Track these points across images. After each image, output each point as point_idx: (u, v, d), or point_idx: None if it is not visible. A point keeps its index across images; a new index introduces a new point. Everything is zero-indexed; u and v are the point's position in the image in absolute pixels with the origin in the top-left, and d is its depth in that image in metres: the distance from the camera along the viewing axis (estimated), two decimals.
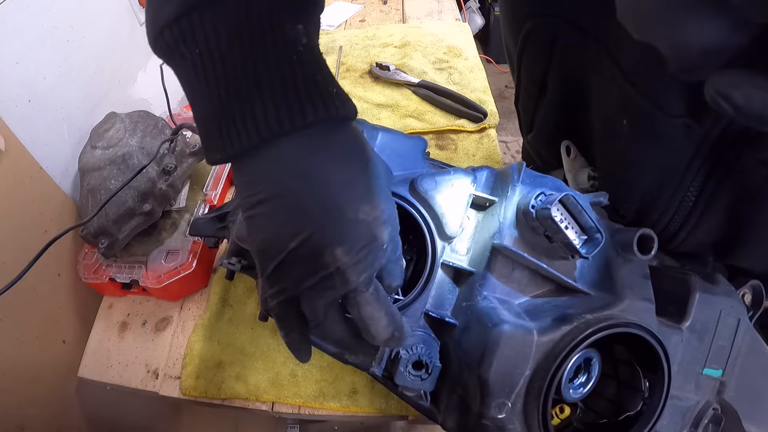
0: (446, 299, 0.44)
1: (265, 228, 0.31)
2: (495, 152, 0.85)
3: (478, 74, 0.98)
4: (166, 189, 0.66)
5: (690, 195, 0.42)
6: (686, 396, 0.42)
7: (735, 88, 0.18)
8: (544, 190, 0.41)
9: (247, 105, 0.29)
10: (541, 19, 0.50)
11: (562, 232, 0.38)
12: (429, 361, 0.41)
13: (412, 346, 0.41)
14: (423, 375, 0.41)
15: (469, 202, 0.44)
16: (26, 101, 0.61)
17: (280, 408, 0.60)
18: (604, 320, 0.37)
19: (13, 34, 0.58)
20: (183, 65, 0.30)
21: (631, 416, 0.40)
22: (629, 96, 0.41)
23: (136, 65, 0.86)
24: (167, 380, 0.64)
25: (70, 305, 0.70)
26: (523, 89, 0.62)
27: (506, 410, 0.36)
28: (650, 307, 0.40)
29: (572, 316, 0.38)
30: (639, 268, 0.41)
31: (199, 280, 0.70)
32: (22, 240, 0.59)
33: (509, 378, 0.36)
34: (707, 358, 0.42)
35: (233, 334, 0.65)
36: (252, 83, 0.29)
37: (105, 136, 0.68)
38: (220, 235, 0.54)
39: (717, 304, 0.42)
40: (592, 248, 0.39)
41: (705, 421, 0.42)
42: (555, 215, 0.38)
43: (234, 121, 0.29)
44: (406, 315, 0.43)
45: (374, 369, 0.42)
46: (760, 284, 0.46)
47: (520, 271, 0.42)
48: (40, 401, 0.64)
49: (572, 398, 0.39)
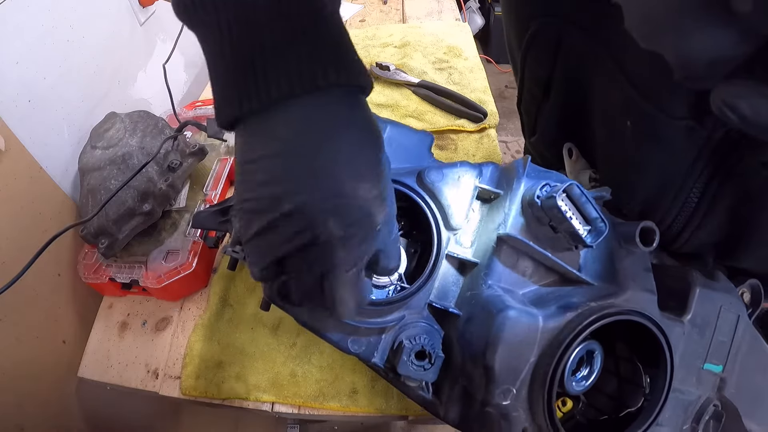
0: (450, 291, 0.45)
1: (258, 186, 0.30)
2: (495, 152, 0.85)
3: (478, 74, 0.98)
4: (166, 189, 0.66)
5: (692, 197, 0.42)
6: (688, 390, 0.42)
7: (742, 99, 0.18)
8: (549, 181, 0.42)
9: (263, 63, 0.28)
10: (545, 20, 0.50)
11: (567, 221, 0.39)
12: (432, 351, 0.41)
13: (416, 336, 0.41)
14: (426, 365, 0.41)
15: (474, 194, 0.45)
16: (26, 101, 0.61)
17: (280, 408, 0.60)
18: (608, 308, 0.38)
19: (13, 34, 0.58)
20: (205, 23, 0.29)
21: (632, 413, 0.40)
22: (632, 98, 0.41)
23: (136, 65, 0.86)
24: (167, 380, 0.64)
25: (70, 305, 0.70)
26: (526, 91, 0.62)
27: (511, 397, 0.36)
28: (652, 298, 0.40)
29: (576, 304, 0.38)
30: (641, 260, 0.42)
31: (199, 280, 0.70)
32: (22, 240, 0.59)
33: (515, 364, 0.37)
34: (708, 353, 0.42)
35: (233, 334, 0.65)
36: (269, 41, 0.28)
37: (105, 136, 0.68)
38: (221, 228, 0.55)
39: (717, 299, 0.42)
40: (597, 237, 0.39)
41: (706, 417, 0.43)
42: (560, 204, 0.39)
43: (247, 81, 0.28)
44: (410, 306, 0.43)
45: (376, 359, 0.42)
46: (758, 283, 0.46)
47: (525, 262, 0.43)
48: (40, 401, 0.64)
49: (575, 390, 0.39)
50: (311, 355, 0.62)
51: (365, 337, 0.42)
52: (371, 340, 0.42)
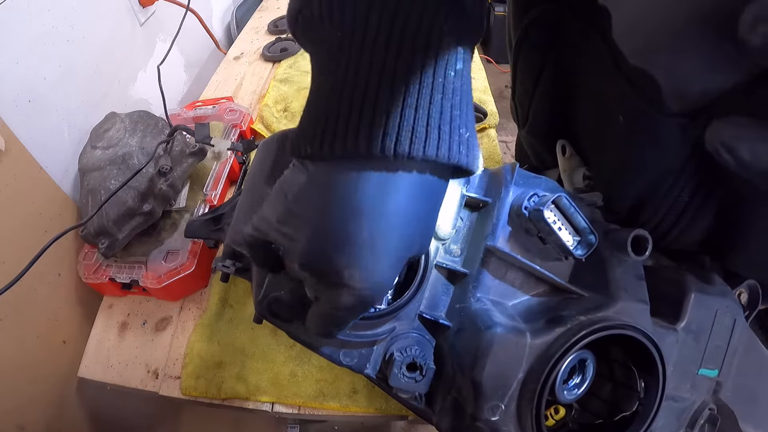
0: (441, 300, 0.44)
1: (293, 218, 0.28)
2: (495, 152, 0.84)
3: (478, 74, 0.98)
4: (166, 189, 0.66)
5: (683, 195, 0.42)
6: (682, 396, 0.42)
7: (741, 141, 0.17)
8: (537, 191, 0.41)
9: (350, 110, 0.25)
10: (545, 6, 0.50)
11: (555, 233, 0.38)
12: (423, 363, 0.40)
13: (407, 347, 0.41)
14: (417, 377, 0.40)
15: (462, 203, 0.44)
16: (26, 101, 0.61)
17: (280, 408, 0.60)
18: (598, 322, 0.37)
19: (13, 34, 0.58)
20: (318, 47, 0.27)
21: (627, 417, 0.40)
22: (626, 93, 0.41)
23: (136, 65, 0.86)
24: (167, 380, 0.64)
25: (71, 305, 0.70)
26: (519, 83, 0.62)
27: (500, 412, 0.36)
28: (645, 308, 0.40)
29: (565, 318, 0.38)
30: (633, 268, 0.41)
31: (199, 280, 0.70)
32: (22, 240, 0.59)
33: (502, 380, 0.36)
34: (703, 358, 0.42)
35: (233, 334, 0.65)
36: (372, 91, 0.25)
37: (105, 136, 0.68)
38: (214, 237, 0.54)
39: (712, 303, 0.42)
40: (586, 250, 0.39)
41: (701, 422, 0.42)
42: (548, 217, 0.38)
43: (327, 123, 0.26)
44: (400, 317, 0.42)
45: (368, 371, 0.42)
46: (756, 284, 0.45)
47: (514, 273, 0.42)
48: (40, 401, 0.64)
49: (566, 399, 0.39)
50: (311, 355, 0.62)
51: (357, 350, 0.42)
52: (363, 352, 0.42)
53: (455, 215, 0.44)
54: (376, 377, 0.42)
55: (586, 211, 0.42)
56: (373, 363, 0.42)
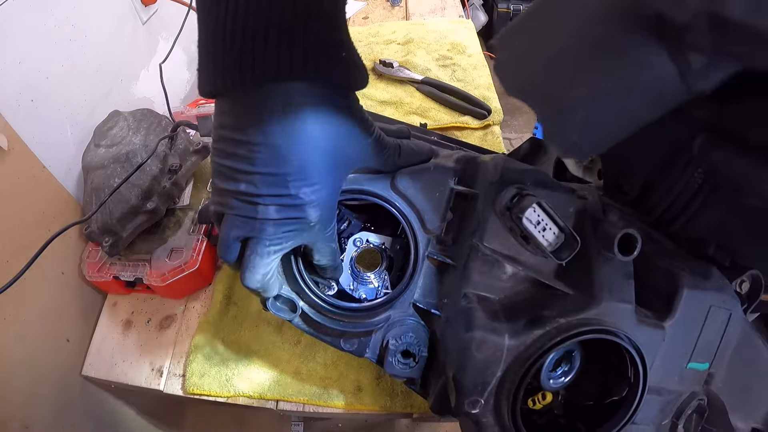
0: (434, 288, 0.46)
1: (232, 146, 0.34)
2: (499, 149, 0.84)
3: (481, 71, 0.98)
4: (170, 187, 0.65)
5: (696, 177, 0.41)
6: (668, 389, 0.42)
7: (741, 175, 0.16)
8: (522, 188, 0.41)
9: (261, 43, 0.30)
10: None
11: (534, 238, 0.40)
12: (416, 351, 0.44)
13: (401, 335, 0.44)
14: (411, 363, 0.44)
15: (451, 196, 0.45)
16: (29, 100, 0.61)
17: (285, 406, 0.60)
18: (577, 325, 0.38)
19: (15, 34, 0.58)
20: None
21: (616, 401, 0.40)
22: None
23: (138, 63, 0.86)
24: (171, 378, 0.64)
25: (74, 303, 0.70)
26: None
27: (479, 406, 0.38)
28: (628, 309, 0.39)
29: (545, 320, 0.39)
30: (622, 266, 0.40)
31: (203, 278, 0.70)
32: (25, 239, 0.59)
33: (481, 379, 0.38)
34: (693, 353, 0.42)
35: (237, 332, 0.65)
36: (261, 25, 0.29)
37: (108, 135, 0.68)
38: None
39: (707, 299, 0.41)
40: (567, 254, 0.39)
41: (689, 412, 0.42)
42: (527, 225, 0.39)
43: (246, 54, 0.30)
44: (395, 306, 0.45)
45: (368, 355, 0.45)
46: (759, 274, 0.44)
47: (501, 268, 0.43)
48: (44, 400, 0.64)
49: (552, 388, 0.41)
50: (315, 353, 0.62)
51: (356, 338, 0.45)
52: (362, 339, 0.45)
53: (444, 209, 0.45)
54: (376, 361, 0.46)
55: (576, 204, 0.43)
56: (372, 348, 0.45)
